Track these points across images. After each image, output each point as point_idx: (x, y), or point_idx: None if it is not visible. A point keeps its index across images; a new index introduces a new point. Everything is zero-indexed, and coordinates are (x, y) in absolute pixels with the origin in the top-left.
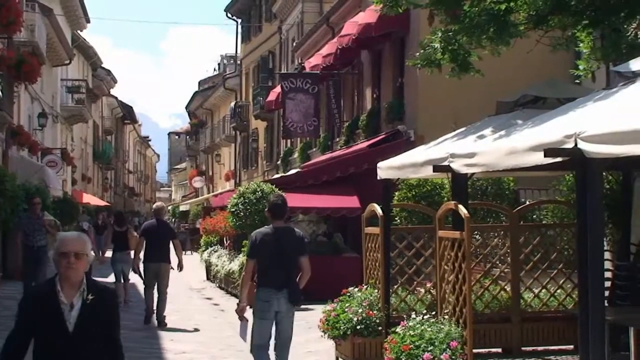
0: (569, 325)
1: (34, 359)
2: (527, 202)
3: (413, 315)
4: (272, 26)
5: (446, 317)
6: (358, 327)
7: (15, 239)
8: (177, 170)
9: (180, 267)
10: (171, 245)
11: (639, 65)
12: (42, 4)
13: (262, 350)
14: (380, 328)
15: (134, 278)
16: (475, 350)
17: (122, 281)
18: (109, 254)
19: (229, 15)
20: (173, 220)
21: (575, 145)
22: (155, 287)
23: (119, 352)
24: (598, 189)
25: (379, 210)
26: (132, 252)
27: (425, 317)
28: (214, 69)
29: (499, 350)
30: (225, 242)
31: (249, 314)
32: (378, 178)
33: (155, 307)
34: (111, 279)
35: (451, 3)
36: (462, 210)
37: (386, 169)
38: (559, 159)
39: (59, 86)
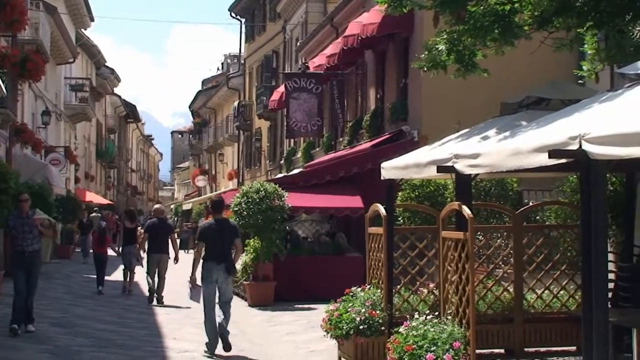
0: (572, 327)
1: None
2: (531, 203)
3: (416, 316)
4: (276, 26)
5: (449, 317)
6: (361, 327)
7: (4, 242)
8: (180, 169)
9: (176, 259)
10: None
11: None
12: (46, 2)
13: (210, 305)
14: (383, 328)
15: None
16: (478, 351)
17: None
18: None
19: (233, 14)
20: (175, 219)
21: (580, 146)
22: (156, 273)
23: None
24: (602, 190)
25: (382, 210)
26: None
27: (428, 317)
28: (218, 68)
29: (502, 351)
30: None
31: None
32: (381, 178)
33: (156, 288)
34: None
35: (456, 4)
36: (466, 210)
37: (390, 169)
38: (563, 160)
39: (62, 84)
